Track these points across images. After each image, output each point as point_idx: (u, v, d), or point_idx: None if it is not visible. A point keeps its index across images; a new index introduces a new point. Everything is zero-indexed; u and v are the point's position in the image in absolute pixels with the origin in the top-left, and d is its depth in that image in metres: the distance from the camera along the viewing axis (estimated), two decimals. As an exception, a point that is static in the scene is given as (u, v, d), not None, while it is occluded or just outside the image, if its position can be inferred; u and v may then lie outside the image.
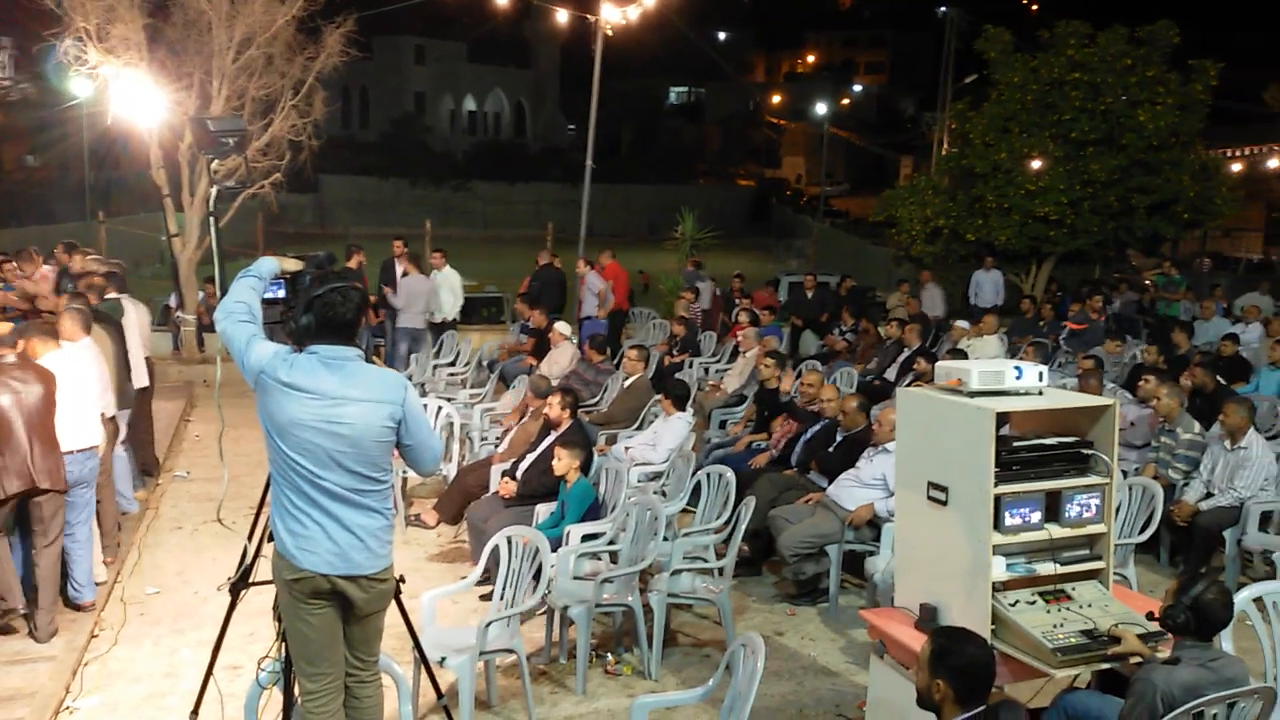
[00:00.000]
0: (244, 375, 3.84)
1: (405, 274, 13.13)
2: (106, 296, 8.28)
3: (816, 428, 7.96)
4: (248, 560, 4.26)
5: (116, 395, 7.27)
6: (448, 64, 58.19)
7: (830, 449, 7.64)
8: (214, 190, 4.20)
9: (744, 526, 6.20)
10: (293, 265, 4.19)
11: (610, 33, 17.29)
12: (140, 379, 8.44)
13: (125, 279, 9.22)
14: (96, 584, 6.57)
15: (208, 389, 12.83)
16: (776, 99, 67.27)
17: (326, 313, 3.76)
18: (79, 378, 6.31)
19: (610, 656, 6.04)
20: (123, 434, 7.79)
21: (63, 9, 12.83)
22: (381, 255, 13.95)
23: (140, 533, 7.96)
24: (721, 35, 70.60)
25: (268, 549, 3.96)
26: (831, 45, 76.12)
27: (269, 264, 4.17)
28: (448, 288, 13.62)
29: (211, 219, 4.33)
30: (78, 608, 6.34)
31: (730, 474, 6.84)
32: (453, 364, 12.68)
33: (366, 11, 15.68)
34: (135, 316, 8.54)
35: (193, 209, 14.43)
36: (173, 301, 15.03)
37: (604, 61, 17.88)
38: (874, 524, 6.78)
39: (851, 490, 6.95)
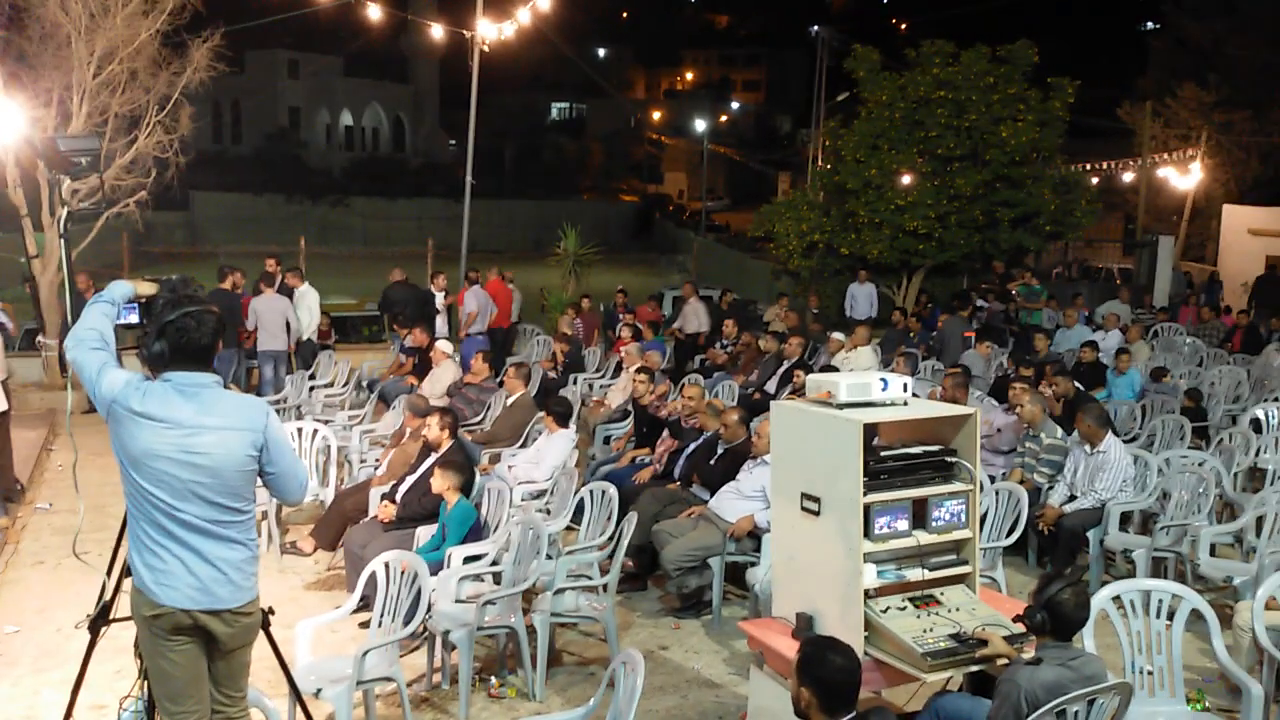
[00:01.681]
0: (95, 405, 3.70)
1: (258, 293, 12.79)
2: None
3: (698, 441, 8.04)
4: (107, 596, 4.09)
5: None
6: (323, 78, 57.13)
7: (711, 462, 7.73)
8: (64, 211, 4.03)
9: (627, 542, 6.22)
10: (147, 289, 4.05)
11: (487, 49, 17.23)
12: None
13: None
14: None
15: (72, 416, 12.27)
16: (657, 115, 68.05)
17: (180, 338, 3.64)
18: None
19: (494, 680, 5.98)
20: None
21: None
22: (257, 274, 13.58)
23: (-2, 569, 7.59)
24: (601, 52, 71.03)
25: (128, 584, 3.81)
26: (709, 63, 77.33)
27: (122, 288, 4.02)
28: (305, 307, 13.30)
29: (63, 241, 4.16)
30: None
31: (613, 490, 6.85)
32: (330, 385, 12.40)
33: (235, 26, 15.28)
34: None
35: (52, 229, 13.81)
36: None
37: (484, 77, 17.80)
38: (755, 535, 6.87)
39: (732, 502, 7.04)
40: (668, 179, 66.41)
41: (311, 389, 12.05)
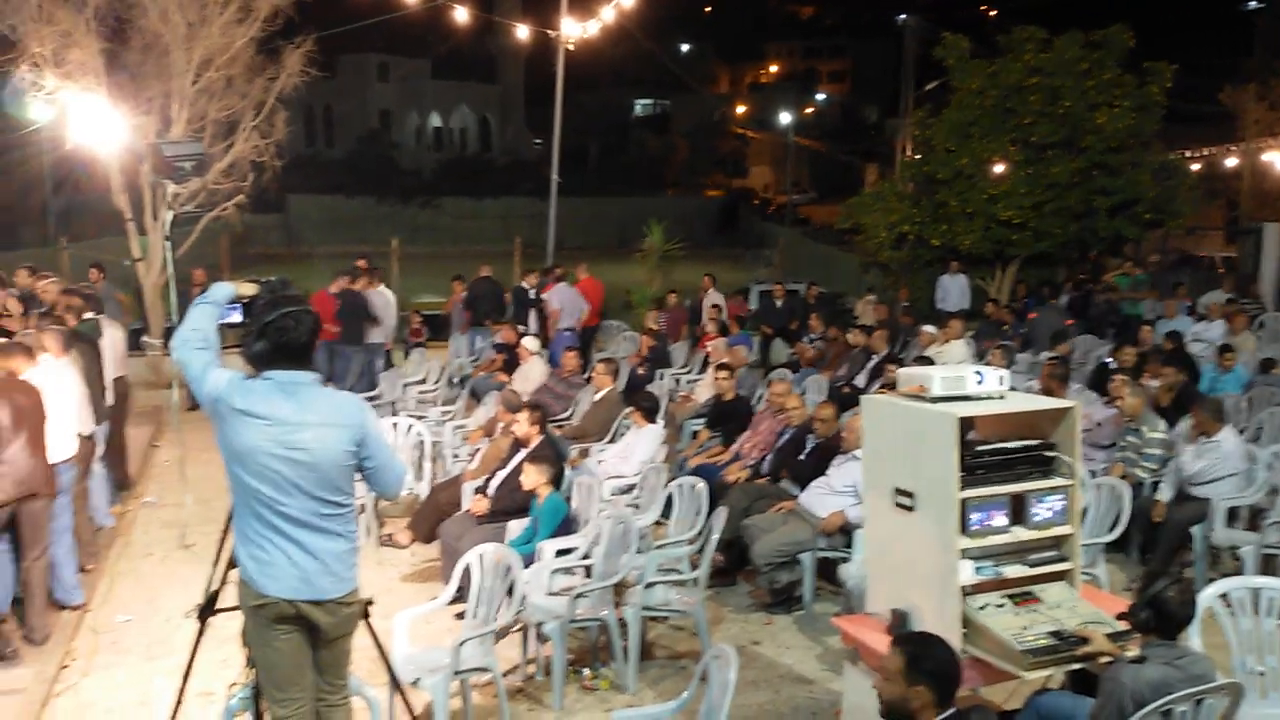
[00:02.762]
0: (200, 403, 3.82)
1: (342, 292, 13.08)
2: (85, 317, 8.44)
3: (787, 436, 7.99)
4: (213, 586, 4.23)
5: (94, 412, 7.49)
6: (412, 81, 58.11)
7: (801, 457, 7.67)
8: (169, 214, 4.17)
9: (717, 537, 6.21)
10: (248, 290, 4.18)
11: (571, 47, 17.34)
12: (111, 397, 8.57)
13: (102, 302, 9.26)
14: (72, 606, 6.74)
15: (173, 414, 12.68)
16: (741, 109, 67.64)
17: (280, 337, 3.74)
18: (57, 393, 6.50)
19: (586, 671, 6.02)
20: (100, 450, 7.92)
21: (17, 35, 12.73)
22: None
23: (111, 560, 7.88)
24: (684, 47, 70.90)
25: (234, 574, 3.93)
26: (793, 55, 76.63)
27: (224, 289, 4.16)
28: (382, 306, 13.55)
29: (167, 243, 4.30)
30: (71, 608, 6.68)
31: (703, 484, 6.85)
32: (423, 381, 12.62)
33: (326, 31, 15.64)
34: (110, 338, 8.71)
35: (155, 232, 14.32)
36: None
37: (568, 75, 17.94)
38: (846, 530, 6.81)
39: (823, 498, 6.98)
40: (752, 173, 66.05)
41: (405, 385, 12.28)
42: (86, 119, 12.14)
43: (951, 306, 16.37)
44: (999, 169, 18.31)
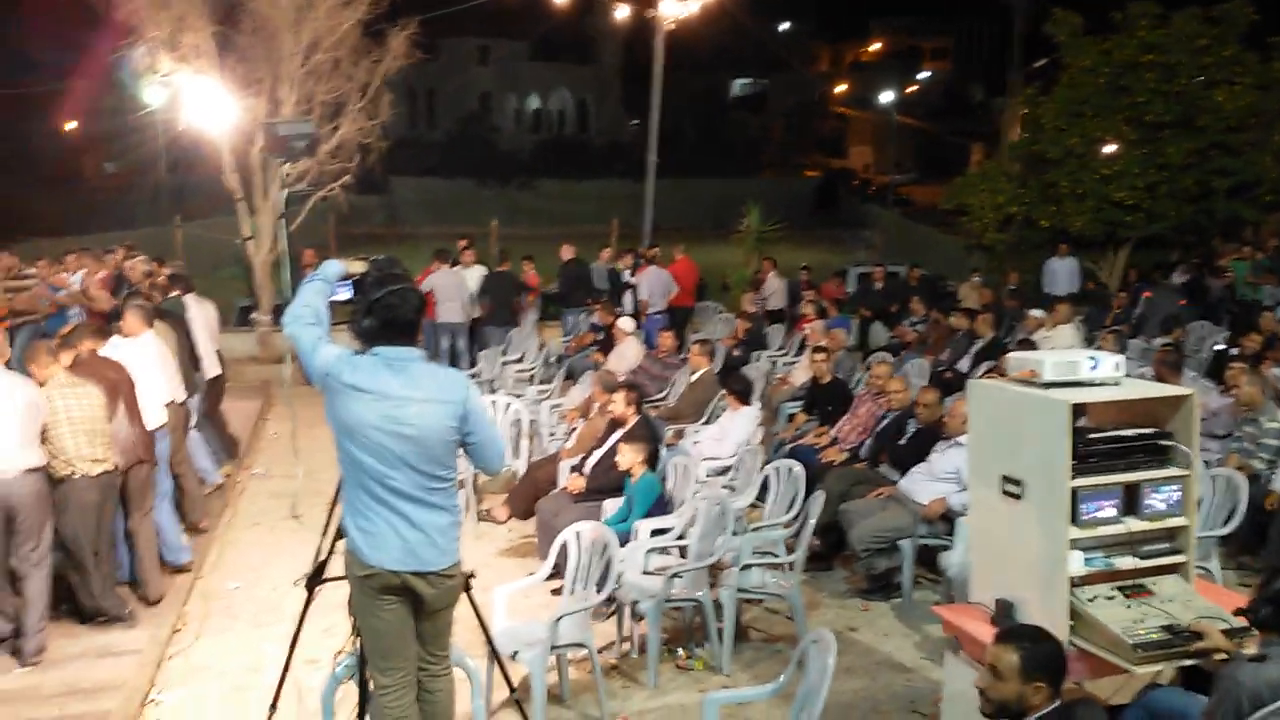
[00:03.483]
0: (310, 378, 3.92)
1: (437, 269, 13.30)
2: (169, 295, 8.96)
3: (887, 420, 7.87)
4: (321, 556, 4.34)
5: (185, 383, 7.86)
6: (511, 63, 58.56)
7: (902, 442, 7.55)
8: (284, 193, 4.27)
9: (815, 521, 6.16)
10: (358, 267, 4.25)
11: (672, 25, 17.27)
12: (212, 369, 9.12)
13: (190, 280, 9.63)
14: (180, 567, 7.08)
15: (284, 388, 13.05)
16: (842, 88, 66.56)
17: (387, 314, 3.82)
18: (142, 367, 6.79)
19: (681, 651, 6.04)
20: (194, 419, 8.30)
21: (136, 19, 13.18)
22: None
23: (221, 528, 8.16)
24: (784, 26, 70.02)
25: (341, 545, 4.03)
26: (896, 33, 75.06)
27: (334, 267, 4.25)
28: (474, 283, 13.74)
29: (282, 221, 4.41)
30: (179, 569, 7.02)
31: (800, 468, 6.79)
32: (520, 360, 12.77)
33: (430, 14, 15.84)
34: (199, 313, 9.12)
35: (265, 212, 14.73)
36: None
37: (666, 56, 17.88)
38: (947, 518, 6.69)
39: (924, 484, 6.86)
40: (852, 153, 64.99)
41: (503, 364, 12.43)
42: (199, 101, 12.53)
43: (1060, 290, 15.87)
44: (1111, 149, 17.68)
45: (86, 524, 6.01)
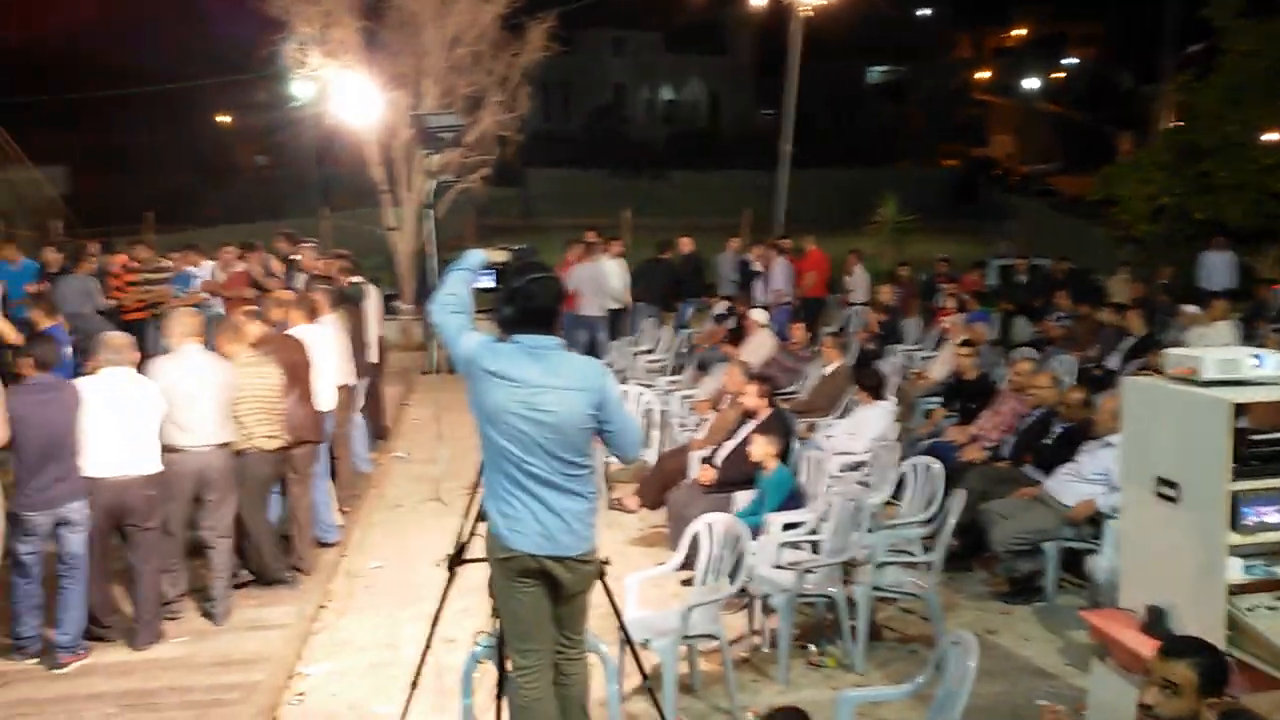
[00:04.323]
0: (454, 364, 4.01)
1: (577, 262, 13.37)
2: (352, 280, 9.29)
3: (1032, 418, 7.62)
4: (463, 538, 4.43)
5: (355, 367, 8.22)
6: (645, 55, 58.77)
7: (1047, 441, 7.30)
8: (433, 183, 4.38)
9: (954, 520, 6.01)
10: (500, 256, 4.34)
11: (810, 13, 17.05)
12: (374, 355, 9.46)
13: (358, 266, 10.02)
14: (329, 543, 7.40)
15: (425, 375, 13.42)
16: (983, 75, 64.63)
17: (527, 303, 3.88)
18: (323, 349, 7.13)
19: (813, 647, 5.97)
20: (359, 403, 8.69)
21: (287, 15, 13.72)
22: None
23: (365, 510, 8.44)
24: (923, 12, 68.35)
25: (482, 528, 4.11)
26: (1041, 18, 72.36)
27: (477, 256, 4.34)
28: (614, 275, 13.78)
29: (430, 211, 4.53)
30: (328, 545, 7.35)
31: (939, 465, 6.64)
32: (651, 351, 12.82)
33: (568, 6, 16.03)
34: (374, 299, 9.55)
35: (409, 203, 15.15)
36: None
37: (801, 44, 17.67)
38: (1095, 520, 6.43)
39: (1071, 485, 6.61)
40: (994, 142, 62.98)
41: (634, 354, 12.51)
42: (347, 95, 12.97)
43: (1216, 285, 15.06)
44: (1272, 137, 16.69)
45: (259, 496, 6.47)
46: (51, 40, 38.83)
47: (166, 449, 5.86)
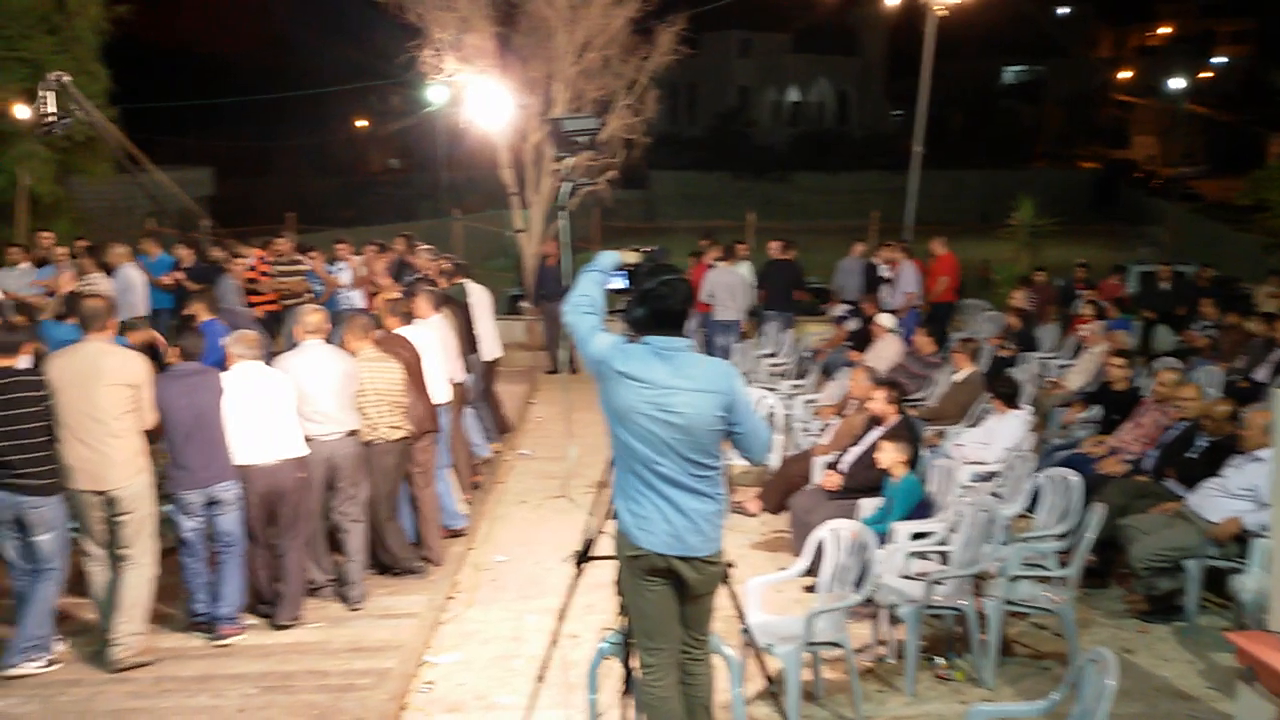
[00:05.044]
0: (586, 364, 4.07)
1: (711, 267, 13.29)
2: (454, 281, 9.61)
3: (1175, 431, 7.30)
4: (591, 535, 4.48)
5: (463, 364, 8.45)
6: (772, 56, 58.42)
7: (1191, 455, 6.99)
8: (567, 186, 4.45)
9: (1092, 534, 5.80)
10: (632, 258, 4.37)
11: (946, 12, 16.70)
12: (490, 352, 9.80)
13: (469, 268, 10.37)
14: (456, 531, 7.62)
15: (550, 375, 13.60)
16: (1125, 75, 62.22)
17: (657, 304, 3.92)
18: (430, 347, 7.36)
19: (940, 660, 5.85)
20: (470, 397, 8.95)
21: (423, 22, 14.09)
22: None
23: (490, 504, 8.61)
24: (1063, 10, 66.22)
25: (609, 526, 4.15)
26: (1187, 15, 69.32)
27: (610, 257, 4.38)
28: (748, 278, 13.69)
29: (564, 212, 4.60)
30: (455, 532, 7.57)
31: (1077, 478, 6.42)
32: (774, 355, 12.73)
33: (697, 9, 16.05)
34: (480, 298, 9.79)
35: (536, 205, 15.39)
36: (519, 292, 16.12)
37: (935, 43, 17.31)
38: (1240, 538, 6.13)
39: (1216, 500, 6.32)
40: (1135, 143, 60.64)
41: (757, 357, 12.45)
42: (480, 99, 13.25)
43: (1376, 295, 14.19)
44: None
45: (386, 485, 6.71)
46: (199, 47, 40.82)
47: (298, 438, 6.17)
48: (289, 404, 6.05)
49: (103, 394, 5.45)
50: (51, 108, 11.86)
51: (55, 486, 5.48)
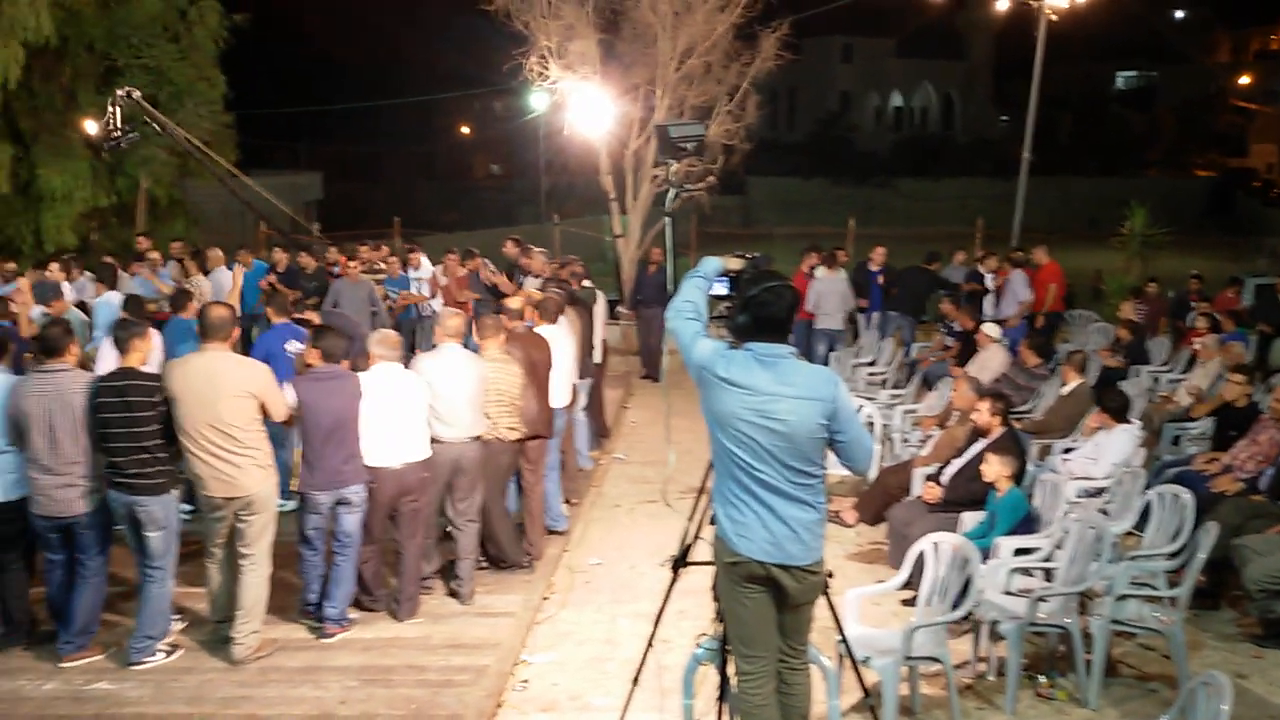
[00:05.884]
0: (688, 370, 4.07)
1: (814, 270, 13.13)
2: (583, 284, 9.73)
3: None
4: (688, 540, 4.48)
5: (579, 367, 8.51)
6: (875, 61, 57.73)
7: (1311, 475, 6.70)
8: (672, 192, 4.47)
9: (1203, 554, 5.60)
10: (735, 264, 4.36)
11: (1055, 17, 16.32)
12: (598, 356, 9.84)
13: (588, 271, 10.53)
14: (558, 531, 7.79)
15: (644, 379, 13.65)
16: (1243, 80, 59.86)
17: (761, 311, 3.90)
18: (559, 349, 7.47)
19: (1043, 679, 5.70)
20: (583, 401, 9.01)
21: (529, 30, 14.30)
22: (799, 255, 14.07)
23: (585, 507, 8.67)
24: (1179, 14, 64.03)
25: (706, 532, 4.15)
26: (1315, 16, 66.36)
27: (713, 263, 4.38)
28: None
29: (668, 219, 4.63)
30: (557, 533, 7.73)
31: (1189, 495, 6.21)
32: (872, 363, 12.57)
33: (801, 14, 15.96)
34: (601, 304, 9.96)
35: (634, 211, 15.47)
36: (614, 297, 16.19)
37: (1045, 48, 16.91)
38: (1367, 565, 5.86)
39: (1339, 524, 6.05)
40: (1254, 151, 58.29)
41: (854, 366, 12.30)
42: (582, 106, 13.38)
43: None
44: None
45: (500, 483, 6.89)
46: (311, 56, 42.04)
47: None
48: (421, 407, 6.18)
49: (225, 405, 5.49)
50: (118, 122, 12.11)
51: (164, 486, 5.57)
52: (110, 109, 12.28)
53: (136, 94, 12.50)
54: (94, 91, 17.54)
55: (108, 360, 7.10)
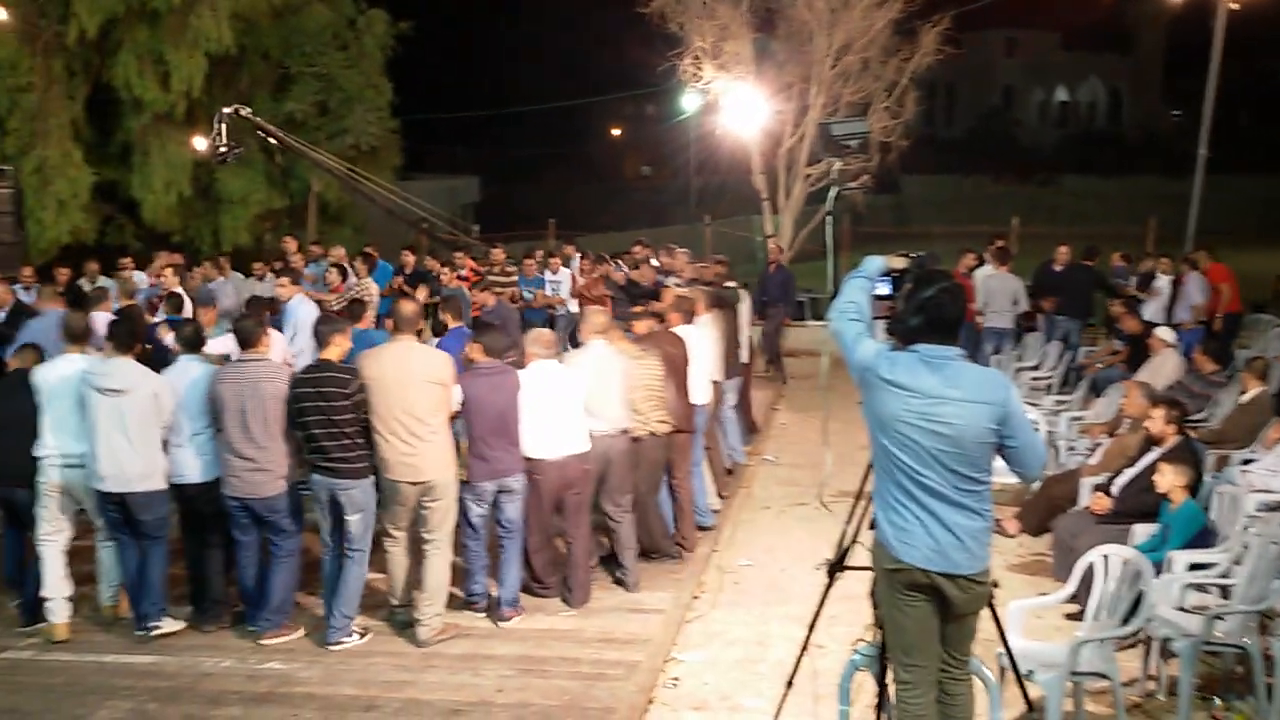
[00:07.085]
0: (849, 371, 4.02)
1: (971, 270, 12.73)
2: (728, 285, 9.85)
3: None
4: (845, 544, 4.42)
5: (725, 366, 8.59)
6: (1039, 54, 55.76)
7: None
8: (834, 190, 4.44)
9: (1404, 578, 5.21)
10: (898, 264, 4.28)
11: (1236, 5, 15.44)
12: (745, 355, 9.96)
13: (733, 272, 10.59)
14: (706, 526, 7.82)
15: (793, 382, 13.53)
16: None
17: (936, 312, 3.81)
18: (700, 346, 7.60)
19: (1218, 701, 5.41)
20: (731, 400, 9.13)
21: (684, 32, 14.37)
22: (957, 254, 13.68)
23: (734, 509, 8.66)
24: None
25: (864, 536, 4.09)
26: None
27: (876, 263, 4.31)
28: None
29: (829, 218, 4.60)
30: (707, 529, 7.79)
31: (1388, 514, 5.78)
32: (1037, 367, 12.13)
33: (963, 8, 15.56)
34: (746, 304, 10.07)
35: (786, 211, 15.36)
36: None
37: (1223, 39, 16.02)
38: None
39: None
40: None
41: (1018, 370, 11.91)
42: (736, 106, 13.37)
43: None
44: None
45: (653, 477, 7.05)
46: (467, 61, 43.26)
47: (580, 434, 6.51)
48: (578, 401, 6.37)
49: (416, 392, 5.81)
50: (224, 138, 12.31)
51: (364, 470, 5.88)
52: (217, 124, 12.46)
53: (245, 110, 12.74)
54: (269, 99, 18.48)
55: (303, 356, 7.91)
